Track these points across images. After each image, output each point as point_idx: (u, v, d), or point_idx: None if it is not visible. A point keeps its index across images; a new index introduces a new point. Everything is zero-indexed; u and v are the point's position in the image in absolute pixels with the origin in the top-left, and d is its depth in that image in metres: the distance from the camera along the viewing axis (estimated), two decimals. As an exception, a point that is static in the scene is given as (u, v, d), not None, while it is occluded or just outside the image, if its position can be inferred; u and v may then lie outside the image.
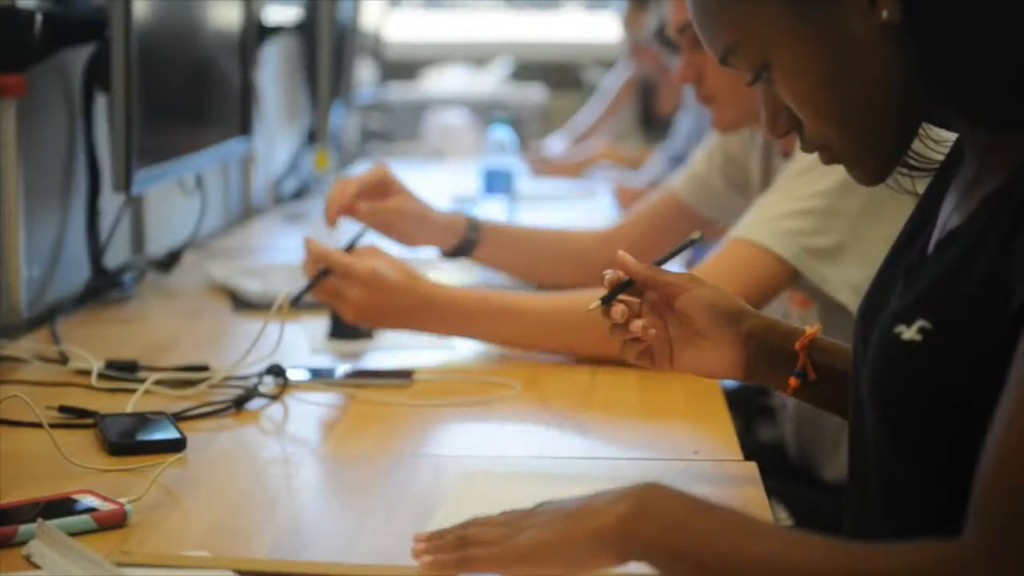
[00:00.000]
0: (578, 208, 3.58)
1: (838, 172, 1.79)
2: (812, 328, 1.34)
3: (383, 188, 2.09)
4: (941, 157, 1.21)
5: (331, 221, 2.04)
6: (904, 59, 1.09)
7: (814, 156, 1.80)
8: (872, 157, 1.16)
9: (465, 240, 2.17)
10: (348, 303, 1.81)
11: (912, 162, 1.20)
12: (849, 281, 1.78)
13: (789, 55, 1.12)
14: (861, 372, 1.17)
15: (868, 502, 1.15)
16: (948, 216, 1.15)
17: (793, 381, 1.34)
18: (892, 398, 1.10)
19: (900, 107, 1.12)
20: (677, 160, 3.92)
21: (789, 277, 1.80)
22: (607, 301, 1.36)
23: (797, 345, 1.33)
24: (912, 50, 1.08)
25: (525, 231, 2.32)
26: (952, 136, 1.19)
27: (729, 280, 1.76)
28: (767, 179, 2.12)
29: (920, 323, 1.06)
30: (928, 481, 1.08)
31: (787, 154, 2.04)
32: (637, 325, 1.35)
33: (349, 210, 2.04)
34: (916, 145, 1.19)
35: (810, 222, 1.79)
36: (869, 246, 1.78)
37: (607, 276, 1.37)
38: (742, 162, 2.18)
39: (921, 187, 1.23)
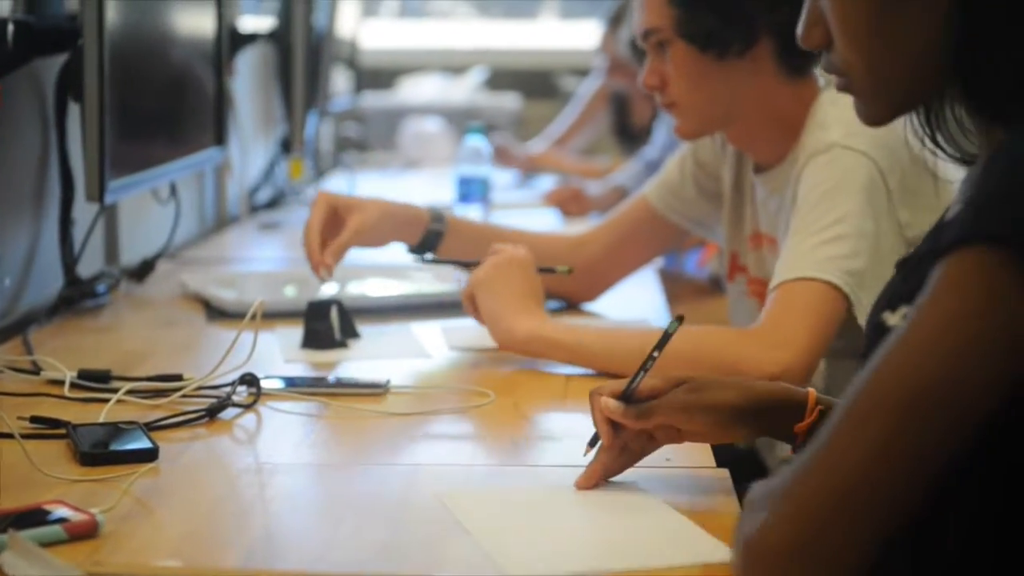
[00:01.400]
0: (553, 216, 3.59)
1: (850, 197, 1.82)
2: (813, 412, 1.37)
3: (336, 215, 2.08)
4: (973, 149, 1.23)
5: (325, 278, 2.05)
6: (951, 25, 1.11)
7: (821, 187, 1.83)
8: (883, 99, 1.18)
9: (430, 232, 2.16)
10: (500, 255, 1.93)
11: (941, 145, 1.22)
12: (870, 305, 1.78)
13: None
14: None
15: None
16: (947, 213, 1.17)
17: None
18: None
19: (929, 67, 1.14)
20: (653, 166, 3.95)
21: (845, 304, 1.78)
22: (594, 443, 1.42)
23: (796, 429, 1.38)
24: (960, 20, 1.10)
25: (492, 228, 2.30)
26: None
27: (795, 326, 1.75)
28: (739, 191, 2.12)
29: (904, 309, 1.08)
30: None
31: (758, 169, 2.04)
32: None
33: (328, 265, 2.05)
34: (953, 130, 1.21)
35: (844, 246, 1.79)
36: (882, 267, 1.78)
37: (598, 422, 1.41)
38: (714, 171, 2.19)
39: (941, 170, 1.25)
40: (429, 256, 2.15)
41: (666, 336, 1.40)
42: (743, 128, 2.01)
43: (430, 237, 2.15)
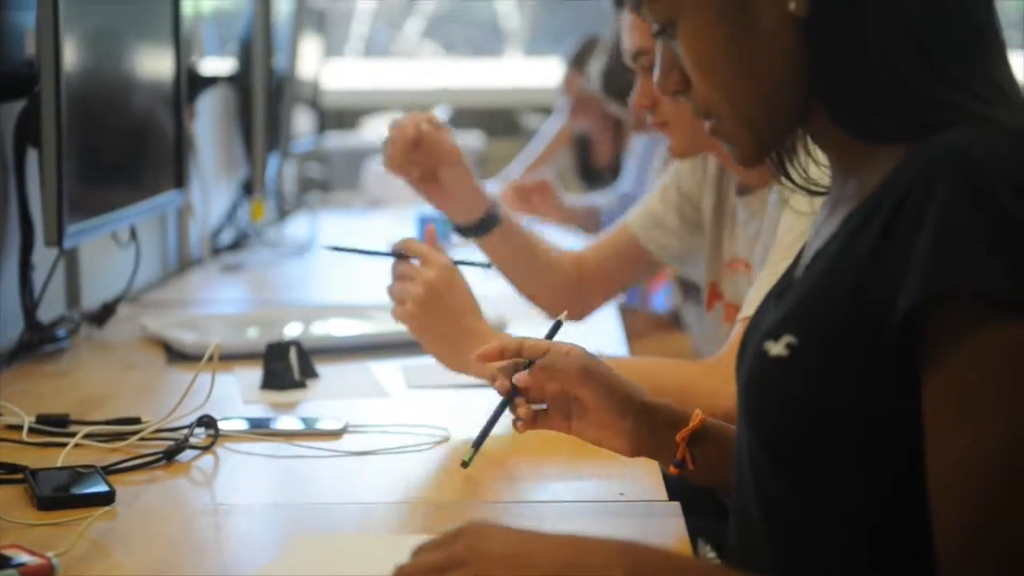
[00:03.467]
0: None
1: None
2: (696, 418, 1.40)
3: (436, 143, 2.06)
4: (823, 179, 1.25)
5: (391, 167, 2.04)
6: (801, 54, 1.13)
7: (798, 229, 1.84)
8: (749, 137, 1.19)
9: (488, 216, 2.14)
10: (420, 286, 1.84)
11: (799, 182, 1.25)
12: None
13: (697, 18, 1.16)
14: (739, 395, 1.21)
15: (749, 518, 1.18)
16: (813, 239, 1.20)
17: (673, 469, 1.41)
18: (760, 412, 1.14)
19: (787, 98, 1.16)
20: (628, 199, 3.99)
21: None
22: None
23: (677, 437, 1.40)
24: (810, 47, 1.13)
25: (533, 236, 2.28)
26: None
27: None
28: (719, 217, 2.14)
29: (787, 339, 1.10)
30: (801, 494, 1.12)
31: (741, 191, 2.06)
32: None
33: (402, 167, 2.04)
34: (811, 170, 1.24)
35: None
36: None
37: (499, 368, 1.47)
38: (695, 199, 2.22)
39: (818, 205, 1.27)
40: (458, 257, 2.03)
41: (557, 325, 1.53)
42: None
43: (487, 221, 2.14)
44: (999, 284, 0.99)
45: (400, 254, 1.89)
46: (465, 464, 1.45)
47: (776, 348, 1.11)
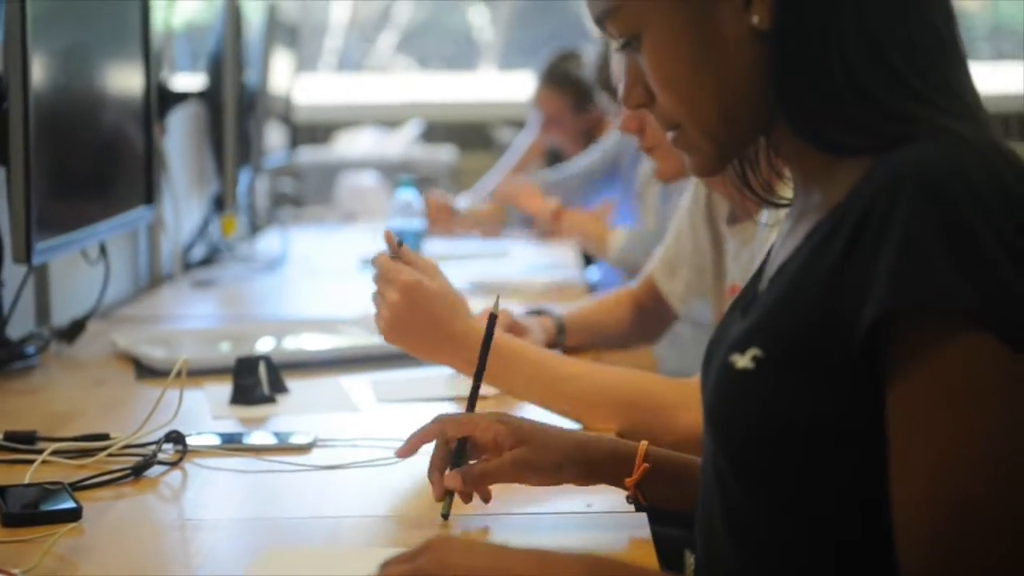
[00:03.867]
0: (487, 266, 3.60)
1: None
2: (639, 466, 1.43)
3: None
4: (786, 191, 1.26)
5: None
6: (764, 66, 1.14)
7: None
8: (712, 148, 1.20)
9: (555, 343, 2.29)
10: (385, 307, 1.80)
11: (762, 193, 1.26)
12: None
13: (660, 32, 1.17)
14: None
15: (714, 532, 1.19)
16: (777, 252, 1.21)
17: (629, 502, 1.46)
18: (725, 424, 1.15)
19: (750, 110, 1.17)
20: (548, 187, 4.03)
21: None
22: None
23: (627, 482, 1.44)
24: (772, 60, 1.14)
25: (597, 317, 2.42)
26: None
27: None
28: (718, 245, 2.16)
29: (753, 351, 1.11)
30: (766, 507, 1.12)
31: (730, 220, 2.06)
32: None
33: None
34: (774, 181, 1.26)
35: None
36: None
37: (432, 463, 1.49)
38: (696, 234, 2.25)
39: (782, 215, 1.28)
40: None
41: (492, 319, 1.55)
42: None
43: (554, 347, 2.28)
44: (964, 300, 1.00)
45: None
46: (445, 516, 1.46)
47: (742, 361, 1.11)
